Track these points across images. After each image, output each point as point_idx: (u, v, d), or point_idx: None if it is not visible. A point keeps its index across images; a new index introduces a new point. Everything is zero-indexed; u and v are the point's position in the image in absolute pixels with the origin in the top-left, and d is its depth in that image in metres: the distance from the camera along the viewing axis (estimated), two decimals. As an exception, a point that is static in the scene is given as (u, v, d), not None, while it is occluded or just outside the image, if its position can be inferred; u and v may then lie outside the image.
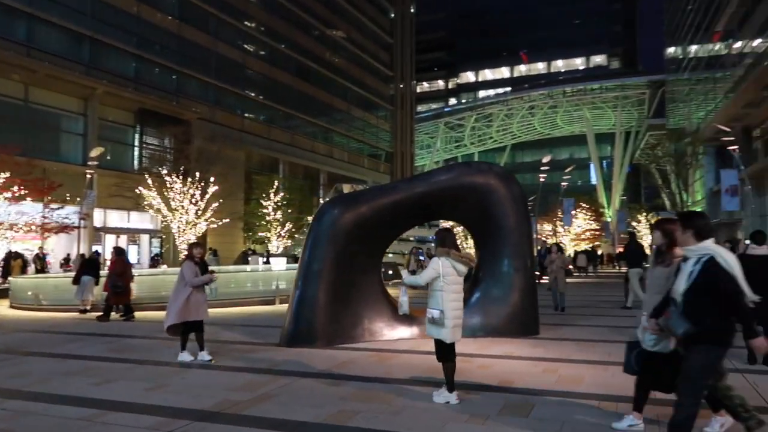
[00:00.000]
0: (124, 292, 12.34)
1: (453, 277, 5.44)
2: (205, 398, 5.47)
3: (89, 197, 22.93)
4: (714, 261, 3.65)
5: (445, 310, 5.35)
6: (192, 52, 37.15)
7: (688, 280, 3.73)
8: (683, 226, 3.88)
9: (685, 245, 3.87)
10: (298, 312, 8.54)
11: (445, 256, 5.48)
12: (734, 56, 34.74)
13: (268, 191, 34.11)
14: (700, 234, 3.79)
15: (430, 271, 5.47)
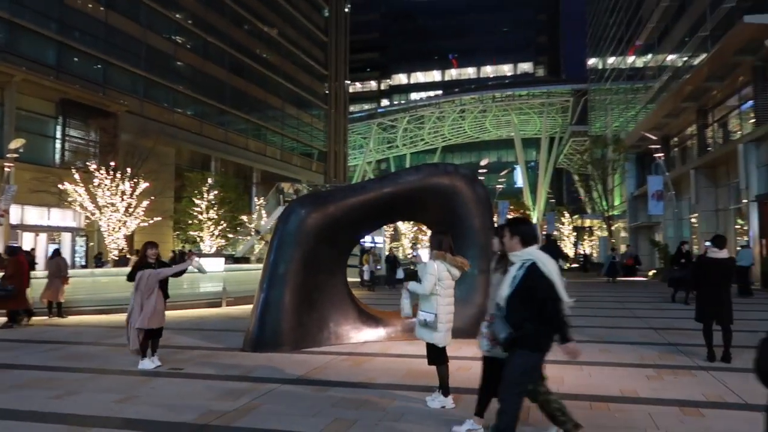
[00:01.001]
0: (11, 297, 10.89)
1: (448, 281, 5.44)
2: (185, 410, 5.14)
3: (8, 192, 21.23)
4: (535, 266, 3.71)
5: (438, 314, 5.31)
6: (120, 41, 35.34)
7: (511, 286, 3.78)
8: (510, 232, 3.95)
9: (511, 251, 3.94)
10: (264, 316, 8.24)
11: (441, 260, 5.45)
12: (654, 69, 37.00)
13: (200, 189, 32.98)
14: (525, 240, 3.87)
15: (431, 277, 5.35)
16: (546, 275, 3.69)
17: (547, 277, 3.69)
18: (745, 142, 20.93)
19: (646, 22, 37.03)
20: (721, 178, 25.78)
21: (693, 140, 30.32)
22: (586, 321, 11.09)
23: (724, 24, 25.12)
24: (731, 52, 20.99)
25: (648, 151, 37.03)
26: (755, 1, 22.66)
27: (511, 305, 3.76)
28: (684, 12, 30.72)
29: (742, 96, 23.92)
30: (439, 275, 5.40)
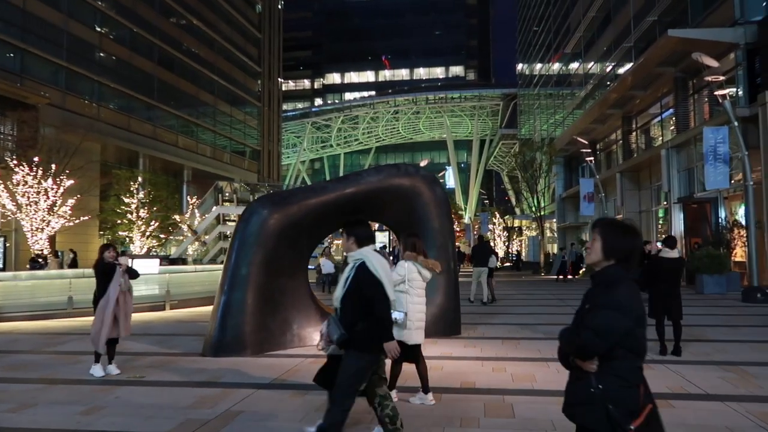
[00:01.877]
0: None
1: (418, 282, 5.63)
2: (161, 419, 4.91)
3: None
4: (363, 266, 3.79)
5: (408, 312, 5.45)
6: (39, 28, 33.20)
7: (343, 287, 3.86)
8: (346, 233, 4.03)
9: (348, 252, 4.02)
10: (225, 319, 7.98)
11: (413, 261, 5.63)
12: (580, 76, 38.77)
13: (129, 187, 31.50)
14: (360, 241, 3.97)
15: (395, 276, 5.50)
16: (373, 274, 3.75)
17: (375, 276, 3.74)
18: (667, 147, 22.30)
19: (573, 32, 38.72)
20: (644, 181, 27.37)
21: (617, 145, 32.00)
22: (537, 319, 11.48)
23: (646, 36, 26.70)
24: (655, 63, 22.30)
25: (575, 154, 38.84)
26: (675, 16, 24.19)
27: (344, 306, 3.81)
28: (609, 23, 32.37)
29: (664, 104, 25.51)
30: (408, 276, 5.56)
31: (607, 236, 2.53)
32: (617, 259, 2.50)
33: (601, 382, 2.36)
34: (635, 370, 2.41)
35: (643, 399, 2.38)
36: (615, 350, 2.37)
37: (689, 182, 21.95)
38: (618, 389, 2.35)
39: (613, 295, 2.40)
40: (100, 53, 38.66)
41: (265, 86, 64.65)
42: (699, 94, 22.26)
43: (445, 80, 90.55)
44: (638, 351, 2.43)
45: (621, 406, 2.32)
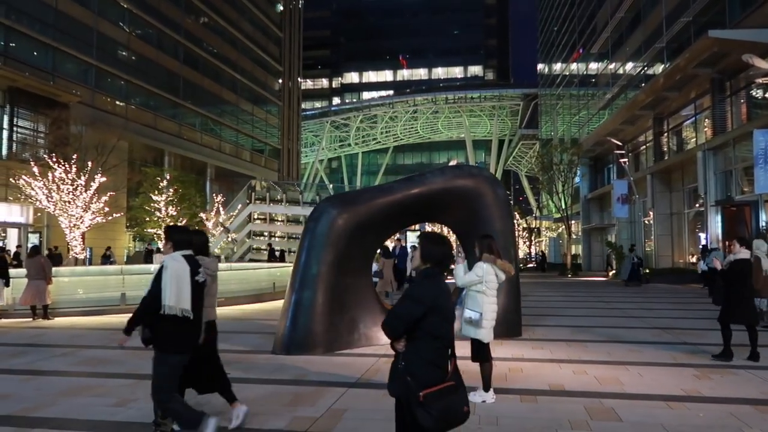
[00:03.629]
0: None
1: (493, 283, 5.84)
2: (270, 416, 4.99)
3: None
4: (160, 270, 4.12)
5: (484, 312, 5.62)
6: (70, 27, 33.64)
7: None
8: (166, 239, 4.33)
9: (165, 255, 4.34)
10: (296, 318, 8.06)
11: (491, 263, 5.78)
12: (607, 76, 38.50)
13: (157, 184, 31.81)
14: (178, 245, 4.27)
15: (473, 276, 5.76)
16: (162, 278, 4.04)
17: (160, 280, 4.04)
18: (704, 149, 22.09)
19: (600, 32, 38.45)
20: (676, 182, 27.14)
21: (646, 146, 31.75)
22: (590, 321, 11.45)
23: (679, 37, 26.47)
24: (692, 65, 22.08)
25: (601, 155, 38.60)
26: (710, 17, 23.96)
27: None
28: (639, 24, 32.11)
29: (698, 106, 25.26)
30: (487, 277, 5.71)
31: (425, 245, 3.09)
32: (433, 263, 3.05)
33: (405, 360, 2.90)
34: (437, 350, 2.92)
35: (446, 374, 2.90)
36: (416, 333, 2.89)
37: (726, 185, 21.74)
38: (418, 366, 2.86)
39: (415, 288, 2.99)
40: (128, 52, 39.07)
41: (285, 85, 64.92)
42: (736, 96, 22.03)
43: (464, 80, 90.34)
44: (436, 335, 2.91)
45: (416, 379, 2.82)
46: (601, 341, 8.94)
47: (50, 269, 11.74)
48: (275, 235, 34.15)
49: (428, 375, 2.85)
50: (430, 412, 2.78)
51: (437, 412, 2.79)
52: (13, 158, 27.36)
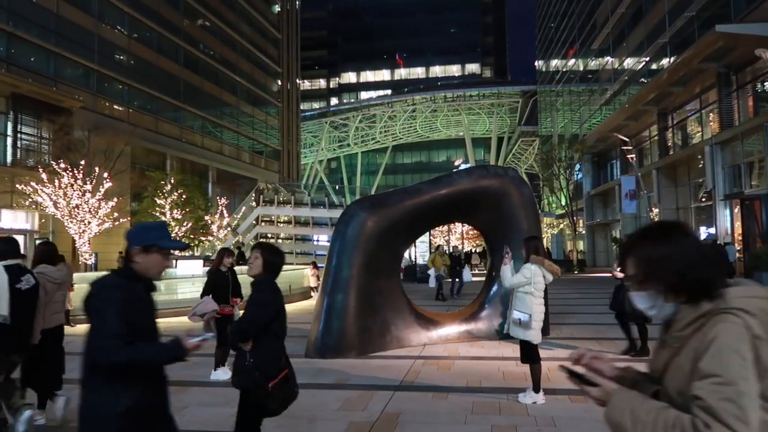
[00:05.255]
0: None
1: (540, 284, 5.84)
2: (326, 422, 4.99)
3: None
4: None
5: (533, 313, 5.65)
6: (72, 33, 33.50)
7: None
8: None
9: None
10: (329, 321, 8.07)
11: (539, 265, 5.79)
12: (608, 72, 38.59)
13: (162, 188, 31.78)
14: (2, 255, 4.58)
15: (521, 277, 5.80)
16: None
17: None
18: (711, 144, 22.16)
19: (601, 28, 38.52)
20: (681, 177, 27.21)
21: (650, 141, 31.84)
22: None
23: (682, 32, 26.53)
24: (698, 59, 22.15)
25: (604, 151, 38.69)
26: (714, 12, 24.03)
27: None
28: (641, 19, 32.19)
29: (703, 100, 25.33)
30: (534, 278, 5.74)
31: (267, 256, 3.46)
32: (271, 272, 3.47)
33: (253, 356, 3.29)
34: (278, 348, 3.44)
35: (283, 365, 3.42)
36: (262, 334, 3.33)
37: (734, 179, 21.82)
38: (266, 361, 3.31)
39: (262, 296, 3.38)
40: (128, 56, 38.96)
41: (284, 86, 64.86)
42: (743, 90, 22.10)
43: (461, 78, 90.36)
44: (278, 333, 3.43)
45: (263, 372, 3.27)
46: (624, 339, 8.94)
47: (71, 276, 11.69)
48: (280, 237, 34.12)
49: (273, 368, 3.34)
50: (276, 399, 3.32)
51: (281, 398, 3.36)
52: (17, 165, 27.28)
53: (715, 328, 1.41)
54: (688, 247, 1.52)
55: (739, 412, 1.30)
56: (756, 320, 1.41)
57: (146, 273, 2.52)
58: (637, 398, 1.46)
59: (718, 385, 1.34)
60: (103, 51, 35.95)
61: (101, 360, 2.33)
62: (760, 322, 1.41)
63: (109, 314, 2.31)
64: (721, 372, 1.35)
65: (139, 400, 2.38)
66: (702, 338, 1.42)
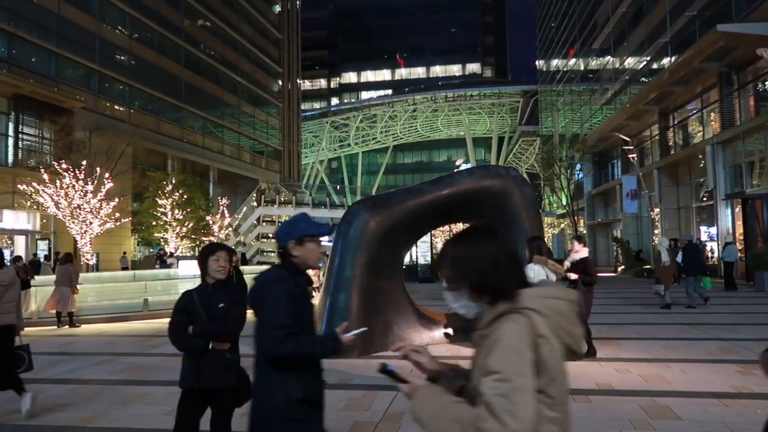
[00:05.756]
0: None
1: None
2: (330, 422, 4.98)
3: None
4: None
5: None
6: (73, 33, 33.54)
7: None
8: None
9: None
10: (331, 321, 8.06)
11: (542, 265, 5.77)
12: (609, 72, 38.59)
13: (163, 188, 31.82)
14: None
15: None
16: None
17: None
18: (712, 143, 22.15)
19: (602, 27, 38.52)
20: (683, 177, 27.21)
21: (652, 141, 31.83)
22: (618, 318, 11.48)
23: (683, 32, 26.53)
24: (699, 59, 22.14)
25: (605, 150, 38.69)
26: (715, 11, 24.03)
27: None
28: (642, 19, 32.18)
29: (704, 100, 25.32)
30: (537, 278, 5.72)
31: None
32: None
33: (232, 354, 3.45)
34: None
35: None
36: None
37: (735, 178, 21.81)
38: (239, 357, 3.49)
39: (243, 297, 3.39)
40: (129, 56, 38.99)
41: (284, 86, 64.89)
42: (744, 89, 22.09)
43: (462, 78, 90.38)
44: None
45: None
46: (634, 338, 8.98)
47: (77, 277, 11.75)
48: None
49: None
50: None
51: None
52: (19, 165, 27.32)
53: (502, 327, 1.49)
54: (488, 251, 1.60)
55: (511, 407, 1.36)
56: (544, 319, 1.50)
57: (306, 263, 2.64)
58: (436, 393, 1.52)
59: (496, 381, 1.41)
60: (104, 51, 35.99)
61: (268, 350, 2.45)
62: (548, 322, 1.50)
63: (278, 306, 2.44)
64: (500, 369, 1.42)
65: (309, 390, 2.54)
66: (493, 336, 1.49)
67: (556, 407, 1.48)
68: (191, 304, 3.51)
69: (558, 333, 1.52)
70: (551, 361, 1.47)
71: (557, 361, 1.50)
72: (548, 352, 1.47)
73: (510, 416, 1.36)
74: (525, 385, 1.40)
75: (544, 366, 1.46)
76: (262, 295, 2.51)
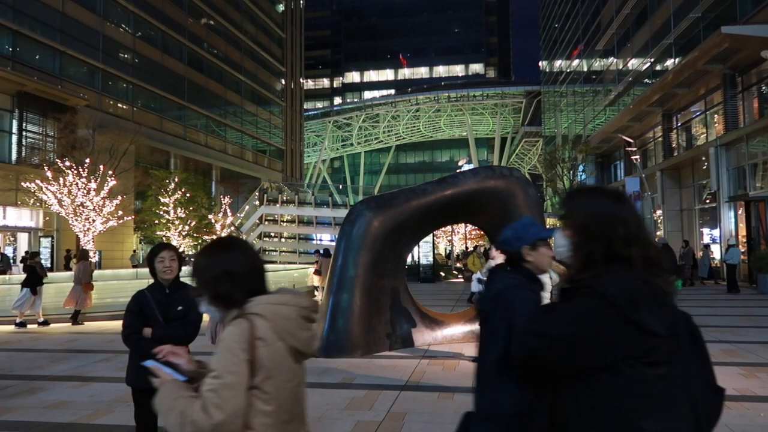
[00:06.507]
0: None
1: (548, 285, 5.72)
2: (333, 421, 5.01)
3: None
4: None
5: None
6: (77, 31, 33.61)
7: None
8: None
9: None
10: (334, 320, 8.09)
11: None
12: (613, 73, 38.52)
13: (166, 186, 31.86)
14: None
15: None
16: None
17: None
18: (716, 145, 22.10)
19: (605, 29, 38.45)
20: (686, 179, 27.16)
21: (654, 143, 31.77)
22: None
23: (687, 33, 26.47)
24: (703, 61, 22.09)
25: (607, 152, 38.64)
26: (719, 12, 23.96)
27: None
28: (646, 20, 32.11)
29: (708, 102, 25.27)
30: (542, 279, 5.67)
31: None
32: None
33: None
34: None
35: None
36: None
37: (739, 180, 21.76)
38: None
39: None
40: (133, 55, 39.04)
41: (287, 85, 64.93)
42: (748, 92, 22.04)
43: (465, 78, 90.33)
44: None
45: None
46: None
47: (90, 275, 11.80)
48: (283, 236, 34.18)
49: None
50: None
51: None
52: (22, 162, 27.37)
53: (226, 331, 1.69)
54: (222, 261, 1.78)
55: (218, 401, 1.56)
56: (267, 323, 1.68)
57: (539, 268, 2.48)
58: (175, 388, 1.69)
59: (211, 378, 1.61)
60: (108, 50, 36.05)
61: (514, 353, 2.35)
62: (272, 326, 1.68)
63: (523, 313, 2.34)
64: (216, 367, 1.62)
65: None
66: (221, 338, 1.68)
67: (271, 402, 1.66)
68: (147, 305, 3.42)
69: (282, 336, 1.69)
70: (268, 361, 1.65)
71: (275, 361, 1.67)
72: (265, 353, 1.65)
73: (216, 409, 1.55)
74: (234, 382, 1.59)
75: (260, 365, 1.64)
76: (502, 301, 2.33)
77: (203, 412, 1.56)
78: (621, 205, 1.66)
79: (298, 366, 1.78)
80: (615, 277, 1.52)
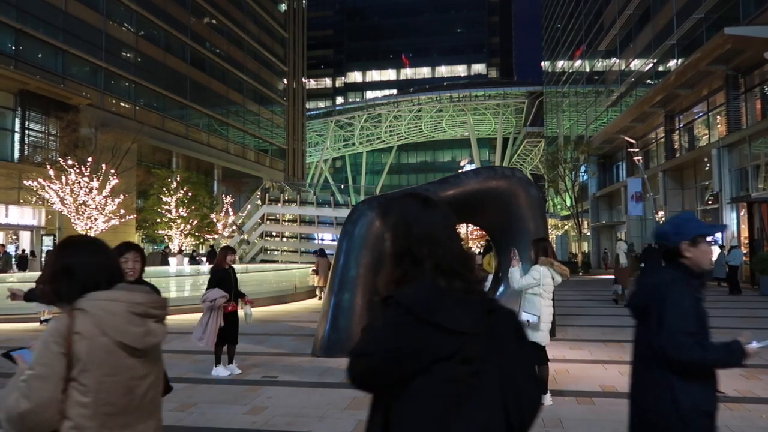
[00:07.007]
0: None
1: (550, 286, 5.80)
2: (335, 420, 5.02)
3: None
4: None
5: (541, 315, 5.61)
6: (79, 30, 33.64)
7: None
8: None
9: None
10: (336, 320, 8.11)
11: (548, 266, 5.75)
12: (615, 74, 38.49)
13: (168, 185, 31.91)
14: None
15: (530, 279, 5.74)
16: None
17: None
18: (718, 147, 22.08)
19: (608, 29, 38.43)
20: (688, 180, 27.13)
21: (657, 143, 31.74)
22: (620, 321, 11.46)
23: (690, 34, 26.43)
24: (706, 62, 22.06)
25: (609, 152, 38.61)
26: (722, 13, 23.93)
27: None
28: (649, 21, 32.08)
29: (711, 103, 25.24)
30: (543, 280, 5.71)
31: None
32: None
33: None
34: None
35: None
36: None
37: (741, 182, 21.74)
38: None
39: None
40: (135, 54, 39.08)
41: (290, 85, 64.97)
42: (751, 93, 22.01)
43: (467, 78, 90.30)
44: None
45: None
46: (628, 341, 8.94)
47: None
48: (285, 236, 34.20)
49: None
50: None
51: None
52: (25, 161, 27.43)
53: (48, 324, 1.81)
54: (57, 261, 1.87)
55: (27, 390, 1.68)
56: (89, 318, 1.75)
57: (699, 265, 2.42)
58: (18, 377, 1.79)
59: (27, 370, 1.72)
60: (110, 48, 36.09)
61: (674, 355, 2.26)
62: (95, 321, 1.76)
63: (684, 310, 2.26)
64: (34, 358, 1.73)
65: (705, 401, 2.34)
66: None
67: (88, 393, 1.73)
68: None
69: (107, 331, 1.76)
70: (85, 355, 1.72)
71: (94, 355, 1.73)
72: (82, 347, 1.72)
73: (24, 398, 1.67)
74: (43, 373, 1.69)
75: (77, 358, 1.72)
76: (658, 297, 2.33)
77: (15, 400, 1.68)
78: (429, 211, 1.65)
79: (136, 360, 1.83)
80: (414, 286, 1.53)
